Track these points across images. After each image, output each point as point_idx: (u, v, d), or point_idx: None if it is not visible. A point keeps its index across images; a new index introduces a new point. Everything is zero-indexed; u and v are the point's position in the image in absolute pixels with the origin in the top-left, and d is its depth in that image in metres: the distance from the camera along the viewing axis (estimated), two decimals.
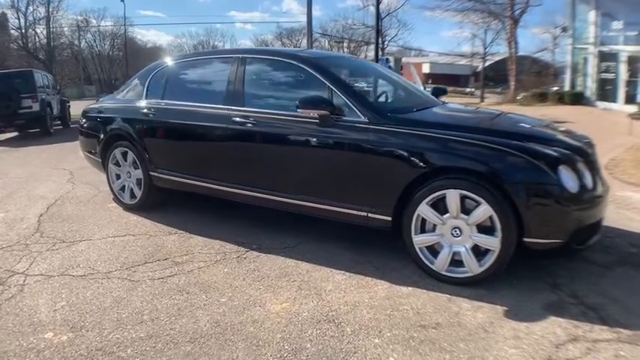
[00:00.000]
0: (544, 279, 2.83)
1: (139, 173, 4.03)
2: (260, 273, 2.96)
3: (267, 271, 2.98)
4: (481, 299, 2.61)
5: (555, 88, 20.45)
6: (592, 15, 16.50)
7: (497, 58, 31.87)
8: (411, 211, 2.77)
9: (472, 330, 2.30)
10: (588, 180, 2.65)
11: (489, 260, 2.63)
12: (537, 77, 23.56)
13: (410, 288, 2.75)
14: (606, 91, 16.85)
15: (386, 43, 36.49)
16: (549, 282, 2.81)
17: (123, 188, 4.23)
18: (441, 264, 2.74)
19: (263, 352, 2.14)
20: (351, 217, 2.96)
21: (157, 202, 4.16)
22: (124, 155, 4.14)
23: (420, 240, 2.79)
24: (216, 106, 3.49)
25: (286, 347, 2.18)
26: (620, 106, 15.23)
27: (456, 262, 2.74)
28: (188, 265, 3.07)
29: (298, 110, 2.97)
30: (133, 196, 4.16)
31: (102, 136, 4.25)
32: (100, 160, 4.32)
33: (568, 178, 2.54)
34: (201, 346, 2.19)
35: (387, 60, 21.32)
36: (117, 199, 4.37)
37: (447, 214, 2.71)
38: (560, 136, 2.94)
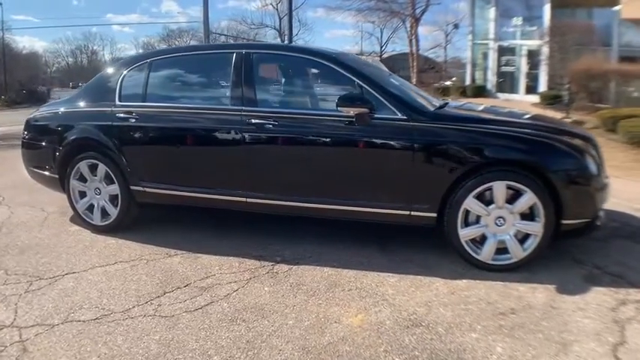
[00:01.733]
0: (566, 257, 2.92)
1: (114, 189, 3.29)
2: (307, 287, 2.59)
3: (313, 284, 2.64)
4: (529, 281, 2.64)
5: (448, 83, 21.91)
6: (492, 12, 17.21)
7: (385, 56, 33.16)
8: (457, 205, 2.63)
9: (543, 309, 2.34)
10: (600, 164, 2.80)
11: (532, 244, 2.66)
12: (436, 73, 25.02)
13: (464, 281, 2.67)
14: (507, 83, 17.80)
15: (285, 42, 35.85)
16: (572, 259, 2.93)
17: (90, 208, 3.44)
18: (486, 254, 2.69)
19: None
20: (392, 217, 2.75)
21: (132, 221, 3.46)
22: (92, 168, 3.36)
23: (466, 233, 2.69)
24: (223, 107, 2.98)
25: (397, 359, 1.94)
26: (522, 97, 16.13)
27: (499, 249, 2.72)
28: (219, 289, 2.59)
29: (338, 108, 2.62)
30: (105, 215, 3.38)
31: (60, 147, 3.38)
32: (56, 176, 3.45)
33: (591, 163, 2.63)
34: None
35: None
36: (82, 221, 3.48)
37: (493, 205, 2.62)
38: (576, 129, 3.04)
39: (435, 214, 2.69)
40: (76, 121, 3.40)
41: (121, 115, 3.20)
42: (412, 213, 2.73)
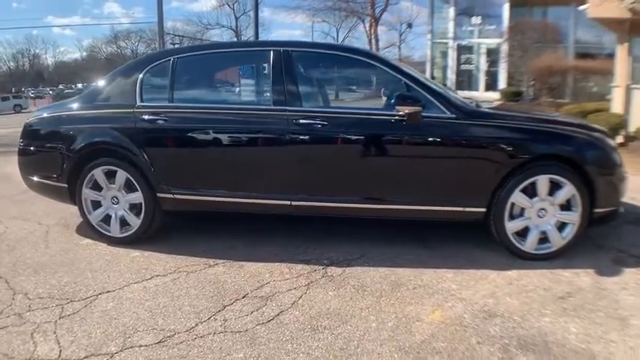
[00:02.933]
0: (588, 243, 3.00)
1: (136, 197, 2.94)
2: (372, 288, 2.49)
3: (376, 285, 2.52)
4: (570, 267, 2.71)
5: None
6: (451, 12, 17.10)
7: None
8: (504, 199, 2.62)
9: (593, 291, 2.42)
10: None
11: (570, 233, 2.74)
12: None
13: (514, 271, 2.68)
14: (467, 81, 17.88)
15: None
16: (594, 245, 3.03)
17: (107, 219, 3.03)
18: (530, 244, 2.75)
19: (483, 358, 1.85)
20: (445, 214, 2.71)
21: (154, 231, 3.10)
22: (109, 176, 2.97)
23: (511, 226, 2.70)
24: (265, 107, 2.73)
25: (492, 349, 1.94)
26: (481, 94, 16.14)
27: (540, 239, 2.78)
28: (282, 298, 2.41)
29: (396, 107, 2.49)
30: (125, 226, 2.99)
31: (70, 153, 2.95)
32: (64, 185, 3.01)
33: (616, 155, 2.73)
34: None
35: None
36: (96, 233, 3.08)
37: (536, 198, 2.64)
38: (592, 124, 3.14)
39: (484, 209, 2.67)
40: (88, 124, 2.99)
41: (147, 116, 2.84)
42: (465, 209, 2.66)
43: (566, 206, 2.71)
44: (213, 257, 2.89)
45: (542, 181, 2.66)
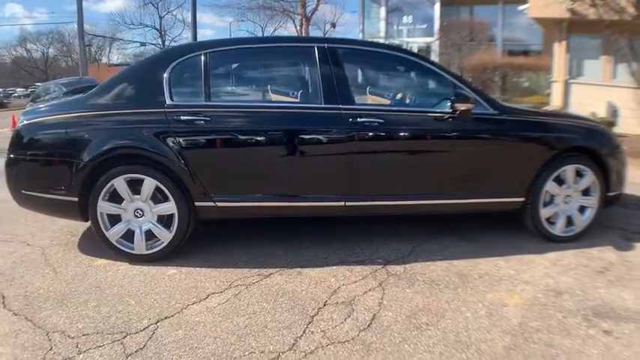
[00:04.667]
0: (598, 224, 3.17)
1: (167, 207, 2.55)
2: (443, 281, 2.47)
3: (445, 278, 2.48)
4: (592, 246, 2.91)
5: None
6: (382, 11, 16.96)
7: None
8: (540, 188, 2.74)
9: (623, 264, 2.61)
10: None
11: (590, 216, 2.93)
12: None
13: (552, 253, 2.83)
14: None
15: (167, 43, 31.44)
16: (605, 225, 3.23)
17: (128, 235, 2.57)
18: (559, 228, 2.91)
19: (578, 334, 1.94)
20: (488, 205, 2.76)
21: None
22: (133, 185, 2.50)
23: (545, 212, 2.83)
24: (316, 105, 2.51)
25: (577, 320, 2.05)
26: None
27: (565, 223, 2.94)
28: (364, 301, 2.27)
29: (454, 105, 2.44)
30: (152, 241, 2.57)
31: (83, 161, 2.46)
32: (74, 199, 2.49)
33: (621, 145, 3.00)
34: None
35: None
36: (115, 251, 2.64)
37: (564, 186, 2.81)
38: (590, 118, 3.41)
39: (523, 199, 2.75)
40: (104, 127, 2.48)
41: (184, 117, 2.44)
42: (507, 199, 2.72)
43: (586, 192, 2.89)
44: (261, 267, 2.61)
45: (570, 171, 2.82)
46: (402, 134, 2.60)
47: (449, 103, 2.51)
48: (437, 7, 14.86)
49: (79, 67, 14.96)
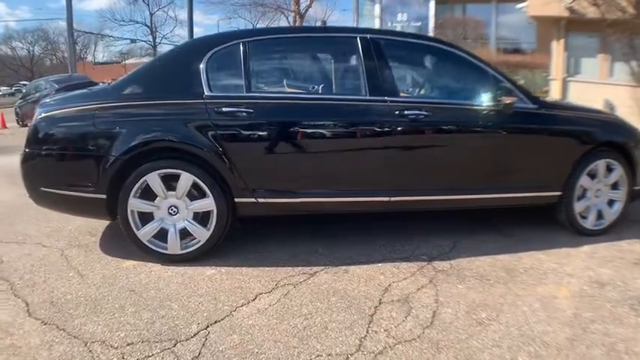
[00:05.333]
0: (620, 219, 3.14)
1: (205, 204, 2.33)
2: (492, 276, 2.37)
3: (492, 273, 2.37)
4: (622, 239, 2.86)
5: None
6: (377, 9, 16.47)
7: None
8: (574, 182, 2.69)
9: None
10: None
11: (618, 209, 2.90)
12: None
13: (586, 247, 2.76)
14: None
15: (158, 40, 30.28)
16: (630, 219, 3.15)
17: (161, 234, 2.34)
18: (591, 222, 2.87)
19: (629, 322, 1.91)
20: (526, 200, 2.68)
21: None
22: (168, 181, 2.27)
23: (578, 206, 2.78)
24: (361, 97, 2.36)
25: (625, 309, 2.01)
26: None
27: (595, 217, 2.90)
28: (418, 298, 2.13)
29: (501, 98, 2.36)
30: (187, 239, 2.35)
31: (113, 156, 2.21)
32: (102, 196, 2.24)
33: None
34: None
35: None
36: (146, 252, 2.41)
37: (596, 180, 2.77)
38: None
39: (560, 193, 2.68)
40: (138, 118, 2.24)
41: (225, 108, 2.23)
42: (544, 194, 2.65)
43: (614, 185, 2.85)
44: (304, 265, 2.42)
45: (602, 165, 2.78)
46: (447, 128, 2.48)
47: (493, 97, 2.39)
48: (432, 4, 14.52)
49: (68, 65, 14.25)
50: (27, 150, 2.36)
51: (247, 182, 2.30)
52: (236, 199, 2.32)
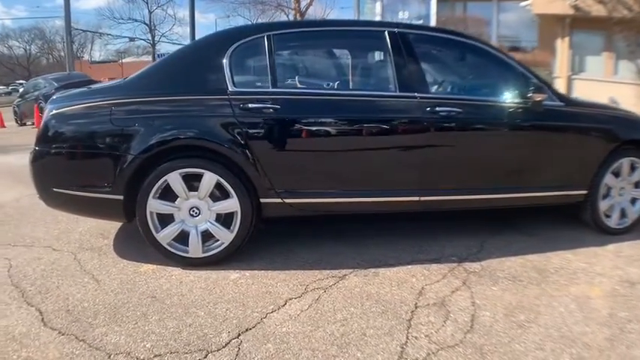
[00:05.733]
0: None
1: (229, 205, 2.18)
2: (525, 277, 2.26)
3: (525, 274, 2.26)
4: None
5: None
6: (377, 6, 15.59)
7: None
8: (599, 181, 2.61)
9: None
10: None
11: None
12: None
13: (611, 245, 2.66)
14: None
15: (157, 38, 29.58)
16: None
17: (182, 237, 2.19)
18: (614, 220, 2.79)
19: None
20: (553, 199, 2.58)
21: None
22: (189, 181, 2.12)
23: (603, 205, 2.70)
24: (390, 93, 2.23)
25: None
26: None
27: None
28: (455, 301, 2.02)
29: (532, 95, 2.26)
30: (210, 242, 2.20)
31: (132, 154, 2.05)
32: (119, 197, 2.08)
33: None
34: None
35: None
36: (166, 255, 2.24)
37: (620, 178, 2.70)
38: None
39: (586, 191, 2.58)
40: (159, 114, 2.08)
41: (252, 105, 2.08)
42: (572, 192, 2.56)
43: (636, 184, 2.78)
44: (331, 267, 2.29)
45: (626, 163, 2.70)
46: (479, 125, 2.36)
47: (524, 94, 2.28)
48: (433, 2, 14.15)
49: (66, 63, 13.88)
50: (37, 148, 2.18)
51: (273, 182, 2.15)
52: (261, 200, 2.17)
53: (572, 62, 7.59)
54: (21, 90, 13.96)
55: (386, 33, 2.31)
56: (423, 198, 2.32)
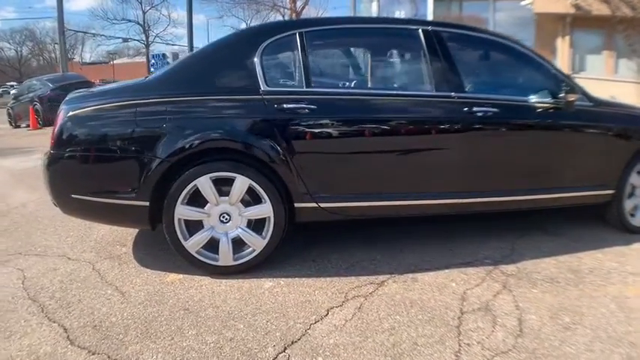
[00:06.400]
0: None
1: (261, 210, 2.02)
2: (562, 278, 2.19)
3: (561, 275, 2.17)
4: None
5: None
6: (374, 6, 15.53)
7: None
8: (624, 181, 2.54)
9: None
10: None
11: None
12: None
13: (635, 244, 2.61)
14: None
15: (151, 39, 28.78)
16: None
17: (211, 244, 2.02)
18: (638, 220, 2.69)
19: None
20: (586, 199, 2.49)
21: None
22: (219, 185, 1.95)
23: (629, 204, 2.65)
24: (427, 93, 2.11)
25: None
26: None
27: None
28: (499, 305, 1.89)
29: (567, 95, 2.17)
30: (240, 249, 2.05)
31: (159, 157, 1.88)
32: (144, 203, 1.90)
33: None
34: None
35: (165, 56, 17.51)
36: (193, 263, 2.07)
37: None
38: None
39: (614, 191, 2.51)
40: (188, 115, 1.90)
41: (287, 105, 1.92)
42: (600, 192, 2.49)
43: None
44: (367, 273, 2.16)
45: None
46: (516, 126, 2.27)
47: (558, 94, 2.18)
48: (429, 1, 13.88)
49: (60, 64, 13.36)
50: (53, 152, 1.97)
51: (309, 185, 1.99)
52: (296, 204, 2.00)
53: (572, 61, 7.56)
54: (13, 92, 13.39)
55: (419, 31, 2.18)
56: (460, 200, 2.20)
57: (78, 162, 1.99)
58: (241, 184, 1.97)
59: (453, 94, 2.13)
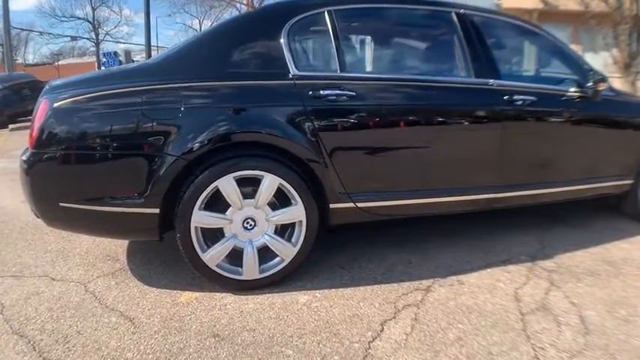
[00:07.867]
0: None
1: (292, 213, 1.75)
2: (602, 272, 2.12)
3: (600, 268, 2.10)
4: None
5: None
6: None
7: None
8: None
9: None
10: None
11: None
12: None
13: None
14: None
15: (101, 37, 26.76)
16: None
17: (234, 256, 1.73)
18: None
19: None
20: (608, 189, 2.47)
21: None
22: (242, 186, 1.68)
23: None
24: (466, 80, 1.96)
25: None
26: None
27: None
28: (554, 303, 1.78)
29: (598, 85, 2.12)
30: (268, 259, 1.78)
31: (172, 155, 1.58)
32: (153, 210, 1.59)
33: None
34: None
35: (117, 54, 16.27)
36: (212, 279, 1.77)
37: None
38: None
39: (633, 181, 2.52)
40: (207, 105, 1.60)
41: (322, 91, 1.67)
42: (621, 182, 2.48)
43: None
44: (408, 279, 1.96)
45: None
46: (552, 116, 2.16)
47: (590, 83, 2.11)
48: None
49: (5, 64, 12.10)
50: (36, 152, 1.57)
51: (346, 184, 1.75)
52: (331, 205, 1.75)
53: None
54: None
55: (453, 14, 2.01)
56: (498, 195, 2.06)
57: (67, 163, 1.61)
58: (269, 183, 1.68)
59: (491, 81, 1.98)
